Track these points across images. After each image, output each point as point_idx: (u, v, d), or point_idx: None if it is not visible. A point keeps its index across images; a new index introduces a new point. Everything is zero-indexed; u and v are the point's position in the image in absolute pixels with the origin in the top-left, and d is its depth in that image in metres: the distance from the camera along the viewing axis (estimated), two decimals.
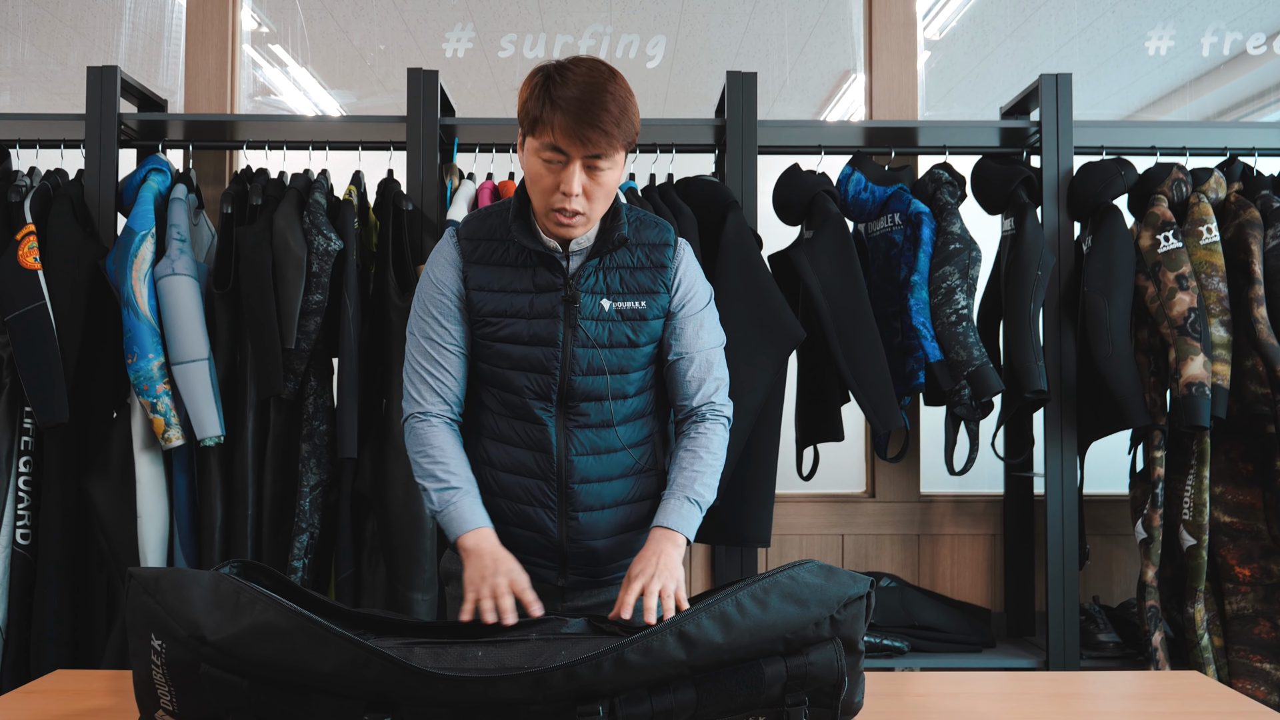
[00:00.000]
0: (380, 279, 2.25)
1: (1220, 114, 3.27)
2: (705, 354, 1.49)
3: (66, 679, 1.36)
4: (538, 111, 1.31)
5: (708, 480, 1.44)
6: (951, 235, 2.26)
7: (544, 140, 1.31)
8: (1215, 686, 1.37)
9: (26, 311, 2.09)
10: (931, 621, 2.37)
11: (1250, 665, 2.19)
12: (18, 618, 2.15)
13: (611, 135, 1.30)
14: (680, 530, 1.38)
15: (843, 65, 3.10)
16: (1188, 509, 2.21)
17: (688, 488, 1.42)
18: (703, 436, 1.47)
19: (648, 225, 1.48)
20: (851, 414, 2.43)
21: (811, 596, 1.04)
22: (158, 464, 2.18)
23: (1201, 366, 2.12)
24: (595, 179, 1.33)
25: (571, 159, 1.31)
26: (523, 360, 1.43)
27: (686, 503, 1.41)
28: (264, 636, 0.95)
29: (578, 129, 1.29)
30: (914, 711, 1.26)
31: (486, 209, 1.49)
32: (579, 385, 1.43)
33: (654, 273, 1.45)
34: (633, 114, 1.35)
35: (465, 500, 1.40)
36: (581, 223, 1.36)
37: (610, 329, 1.43)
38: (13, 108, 3.16)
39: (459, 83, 2.87)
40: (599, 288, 1.42)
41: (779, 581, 1.04)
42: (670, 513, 1.40)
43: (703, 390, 1.48)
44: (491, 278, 1.43)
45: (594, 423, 1.45)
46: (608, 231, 1.42)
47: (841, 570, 1.10)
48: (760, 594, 1.02)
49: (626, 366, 1.45)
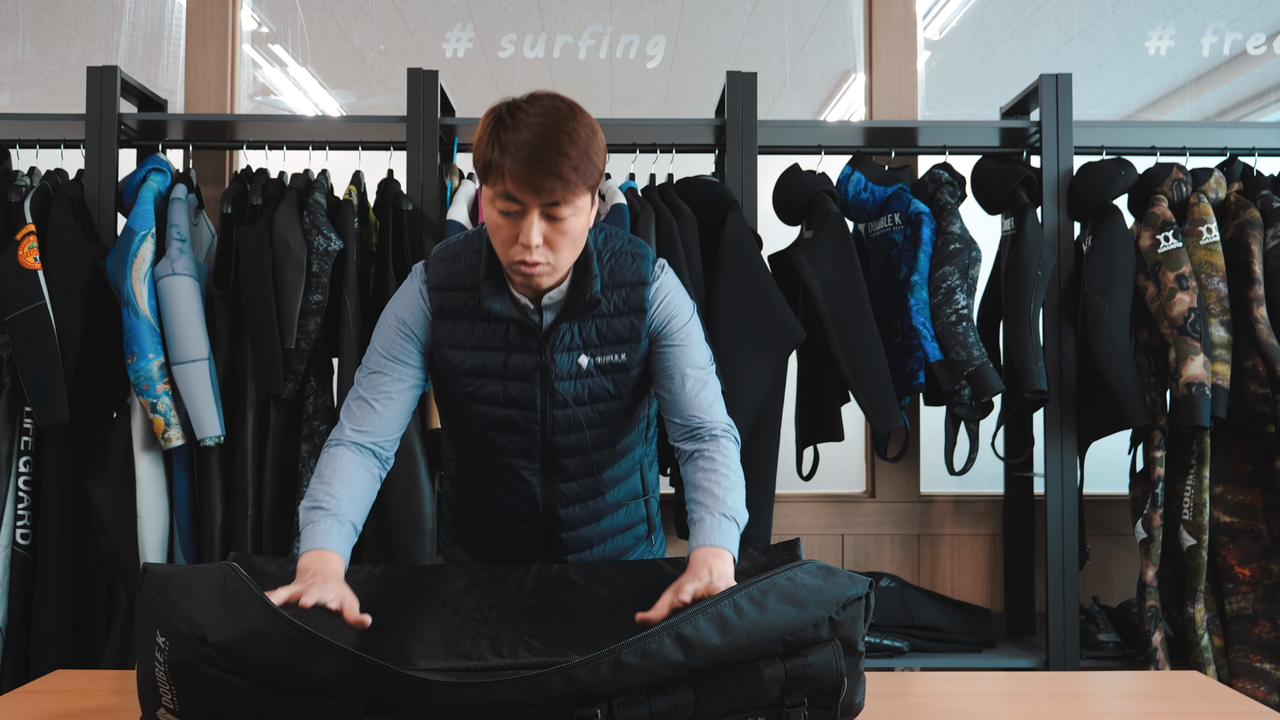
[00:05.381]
0: (380, 279, 2.25)
1: (1220, 114, 3.26)
2: (696, 373, 1.38)
3: (66, 679, 1.36)
4: (489, 157, 1.20)
5: (738, 497, 1.31)
6: (951, 235, 2.26)
7: (497, 189, 1.20)
8: (1215, 686, 1.37)
9: (26, 311, 2.09)
10: (931, 621, 2.37)
11: (1250, 665, 2.19)
12: (18, 618, 2.15)
13: (569, 181, 1.18)
14: (725, 547, 1.23)
15: (843, 65, 3.10)
16: (1188, 509, 2.21)
17: (720, 504, 1.28)
18: (720, 455, 1.34)
19: (623, 260, 1.36)
20: (851, 414, 2.43)
21: (810, 598, 1.03)
22: (158, 464, 2.18)
23: (1201, 366, 2.12)
24: (557, 228, 1.22)
25: (529, 208, 1.20)
26: (502, 422, 1.38)
27: (724, 519, 1.27)
28: (258, 642, 0.95)
29: (530, 176, 1.17)
30: (914, 711, 1.26)
31: (455, 248, 1.38)
32: (561, 443, 1.39)
33: (632, 318, 1.35)
34: (594, 153, 1.22)
35: (326, 522, 1.25)
36: (547, 272, 1.25)
37: (589, 385, 1.36)
38: (13, 108, 3.16)
39: (459, 83, 2.87)
40: (575, 344, 1.34)
41: (777, 583, 1.03)
42: (710, 531, 1.25)
43: (701, 408, 1.37)
44: (463, 334, 1.35)
45: (578, 474, 1.42)
46: (580, 289, 1.31)
47: (840, 571, 1.08)
48: (758, 595, 1.02)
49: (609, 418, 1.40)
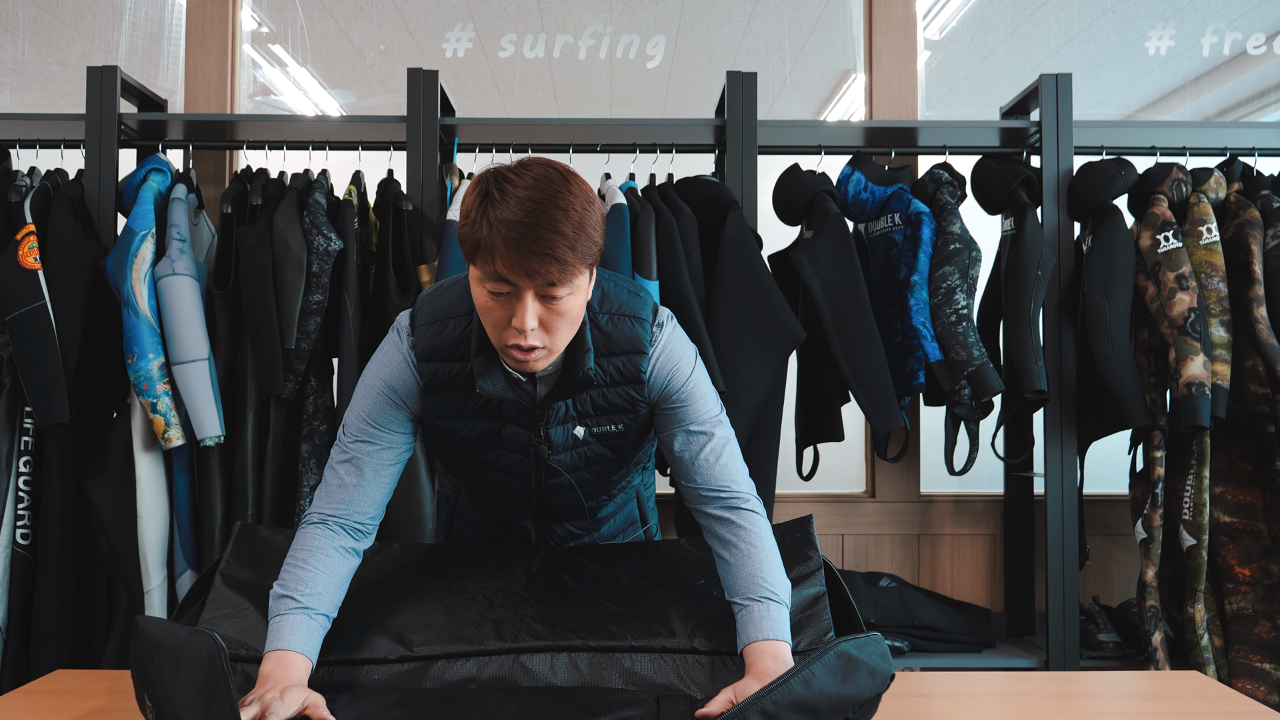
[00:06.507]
0: (380, 279, 2.25)
1: (1220, 114, 3.26)
2: (703, 431, 1.28)
3: (66, 679, 1.36)
4: (477, 236, 1.08)
5: (777, 574, 1.21)
6: (951, 235, 2.26)
7: (487, 270, 1.09)
8: (1215, 686, 1.37)
9: (27, 311, 2.09)
10: (931, 621, 2.36)
11: (1250, 665, 2.19)
12: (18, 618, 2.15)
13: (566, 262, 1.07)
14: (777, 637, 1.15)
15: (843, 65, 3.10)
16: (1188, 509, 2.21)
17: (759, 587, 1.18)
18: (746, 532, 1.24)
19: (620, 325, 1.25)
20: (851, 414, 2.43)
21: (824, 704, 1.02)
22: (158, 464, 2.18)
23: (1201, 366, 2.12)
24: (553, 309, 1.11)
25: (522, 290, 1.09)
26: (497, 486, 1.39)
27: (770, 604, 1.17)
28: None
29: (524, 259, 1.05)
30: (914, 711, 1.26)
31: (441, 309, 1.27)
32: (557, 503, 1.40)
33: (629, 390, 1.27)
34: (592, 226, 1.10)
35: (294, 618, 1.15)
36: (543, 356, 1.15)
37: (586, 453, 1.32)
38: (13, 108, 3.15)
39: (459, 83, 2.87)
40: (570, 416, 1.28)
41: (792, 689, 1.01)
42: (757, 621, 1.16)
43: (718, 470, 1.27)
44: (455, 406, 1.28)
45: (572, 515, 1.45)
46: (573, 366, 1.22)
47: (863, 663, 1.04)
48: (771, 709, 1.01)
49: (606, 475, 1.40)
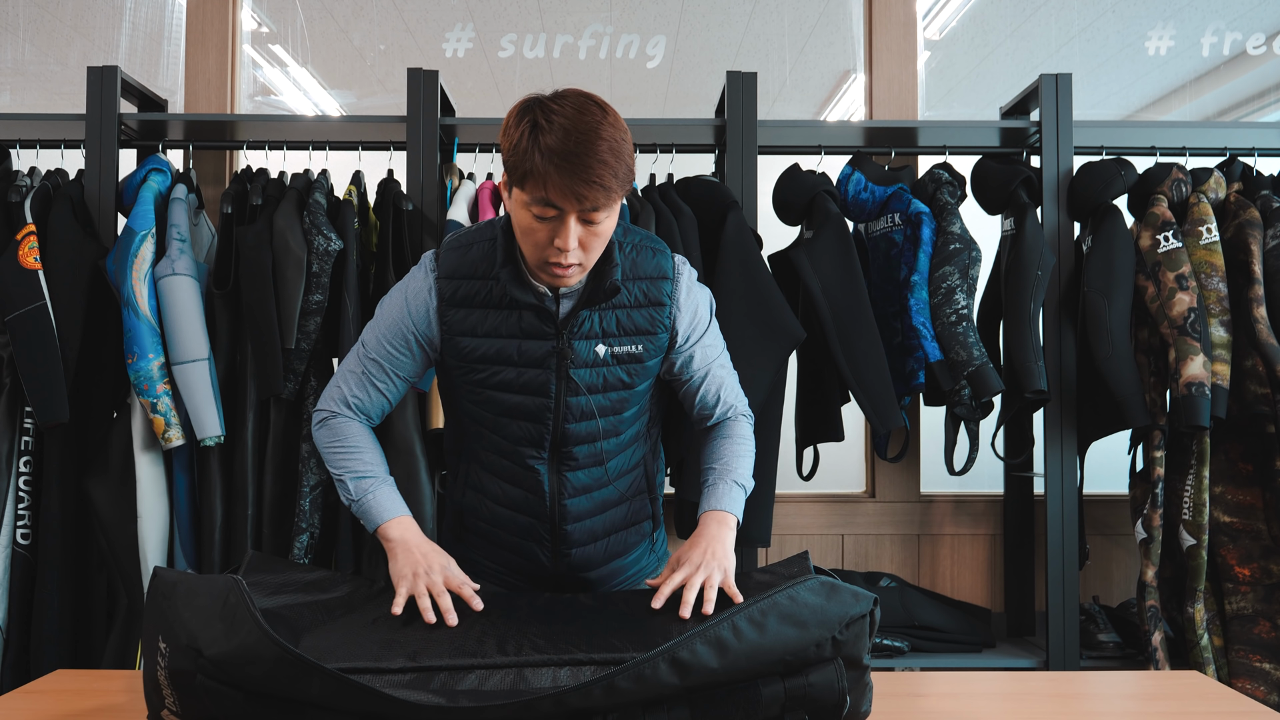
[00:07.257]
0: (380, 279, 2.25)
1: (1220, 114, 3.26)
2: (717, 368, 1.48)
3: (66, 679, 1.36)
4: (527, 165, 1.20)
5: (747, 465, 1.44)
6: (951, 235, 2.26)
7: (535, 195, 1.21)
8: (1215, 686, 1.37)
9: (27, 311, 2.09)
10: (931, 621, 2.37)
11: (1250, 665, 2.19)
12: (18, 618, 2.15)
13: (610, 189, 1.20)
14: (731, 511, 1.37)
15: (843, 65, 3.10)
16: (1188, 509, 2.21)
17: (731, 472, 1.41)
18: (733, 426, 1.48)
19: (644, 254, 1.39)
20: (851, 414, 2.43)
21: (811, 618, 1.01)
22: (158, 464, 2.18)
23: (1201, 366, 2.12)
24: (592, 230, 1.25)
25: (566, 214, 1.22)
26: (514, 409, 1.39)
27: (734, 485, 1.40)
28: (249, 660, 0.96)
29: (574, 185, 1.18)
30: (914, 711, 1.26)
31: (466, 238, 1.40)
32: (572, 431, 1.40)
33: (652, 311, 1.38)
34: (627, 156, 1.23)
35: (384, 489, 1.38)
36: (577, 273, 1.29)
37: (605, 374, 1.38)
38: (13, 108, 3.16)
39: (459, 83, 2.87)
40: (594, 332, 1.36)
41: (777, 603, 1.01)
42: (720, 496, 1.38)
43: (722, 400, 1.49)
44: (476, 322, 1.36)
45: (586, 463, 1.43)
46: (600, 276, 1.33)
47: (845, 587, 1.06)
48: (758, 616, 1.00)
49: (621, 407, 1.42)
